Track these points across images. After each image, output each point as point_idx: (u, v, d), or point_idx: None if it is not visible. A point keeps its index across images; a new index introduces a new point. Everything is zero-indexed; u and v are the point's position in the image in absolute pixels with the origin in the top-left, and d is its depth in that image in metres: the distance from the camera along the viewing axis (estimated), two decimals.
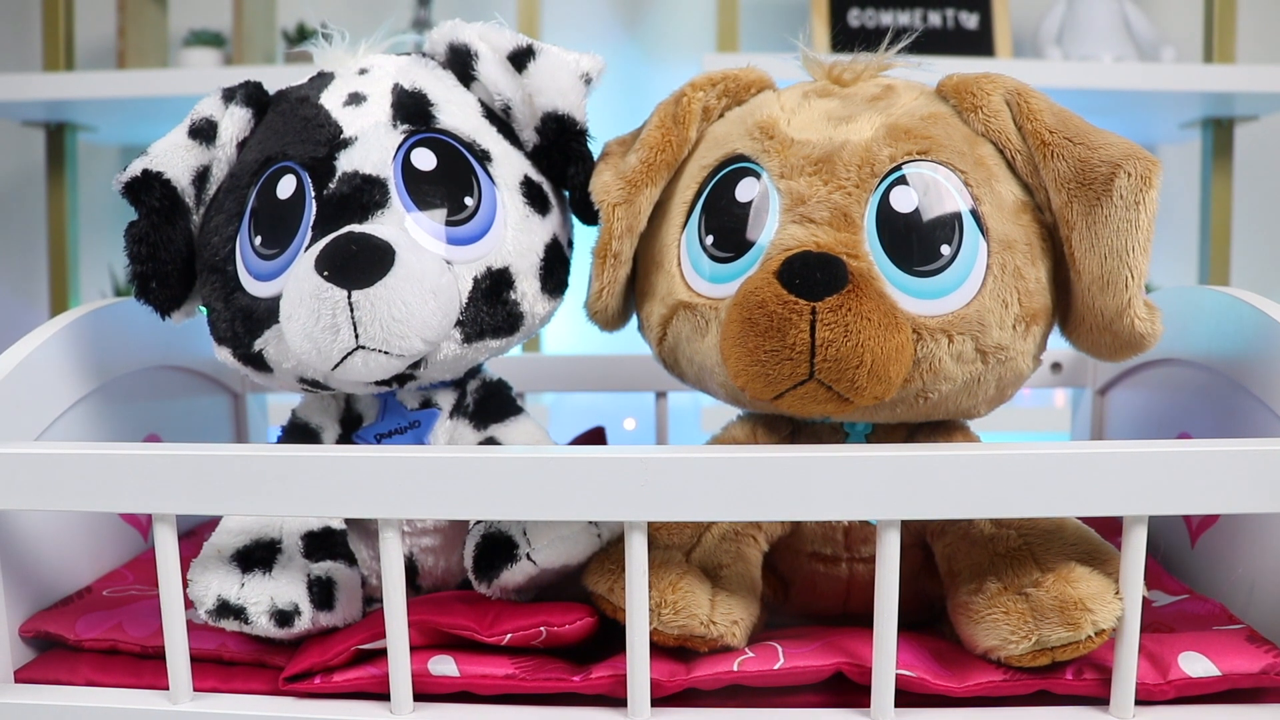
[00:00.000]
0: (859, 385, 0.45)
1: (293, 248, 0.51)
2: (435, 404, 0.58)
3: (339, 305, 0.47)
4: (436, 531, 0.56)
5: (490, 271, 0.52)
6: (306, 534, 0.53)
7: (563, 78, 0.54)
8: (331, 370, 0.49)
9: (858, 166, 0.50)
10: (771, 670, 0.47)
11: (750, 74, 0.56)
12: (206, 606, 0.50)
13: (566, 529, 0.50)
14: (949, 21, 1.31)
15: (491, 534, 0.51)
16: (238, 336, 0.53)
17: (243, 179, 0.54)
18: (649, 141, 0.54)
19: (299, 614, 0.50)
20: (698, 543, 0.52)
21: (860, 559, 0.54)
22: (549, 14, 1.35)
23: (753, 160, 0.52)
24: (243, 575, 0.50)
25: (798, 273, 0.46)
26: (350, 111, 0.54)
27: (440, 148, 0.53)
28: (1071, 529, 0.50)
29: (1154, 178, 0.47)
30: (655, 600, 0.47)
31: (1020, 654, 0.46)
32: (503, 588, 0.51)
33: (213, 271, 0.54)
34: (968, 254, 0.49)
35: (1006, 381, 0.51)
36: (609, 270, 0.54)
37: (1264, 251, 1.45)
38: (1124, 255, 0.47)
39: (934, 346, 0.48)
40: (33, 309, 1.50)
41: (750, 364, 0.46)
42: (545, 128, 0.55)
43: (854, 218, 0.49)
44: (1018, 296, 0.49)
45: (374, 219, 0.50)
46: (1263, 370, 0.56)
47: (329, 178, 0.52)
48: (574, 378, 0.76)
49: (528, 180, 0.56)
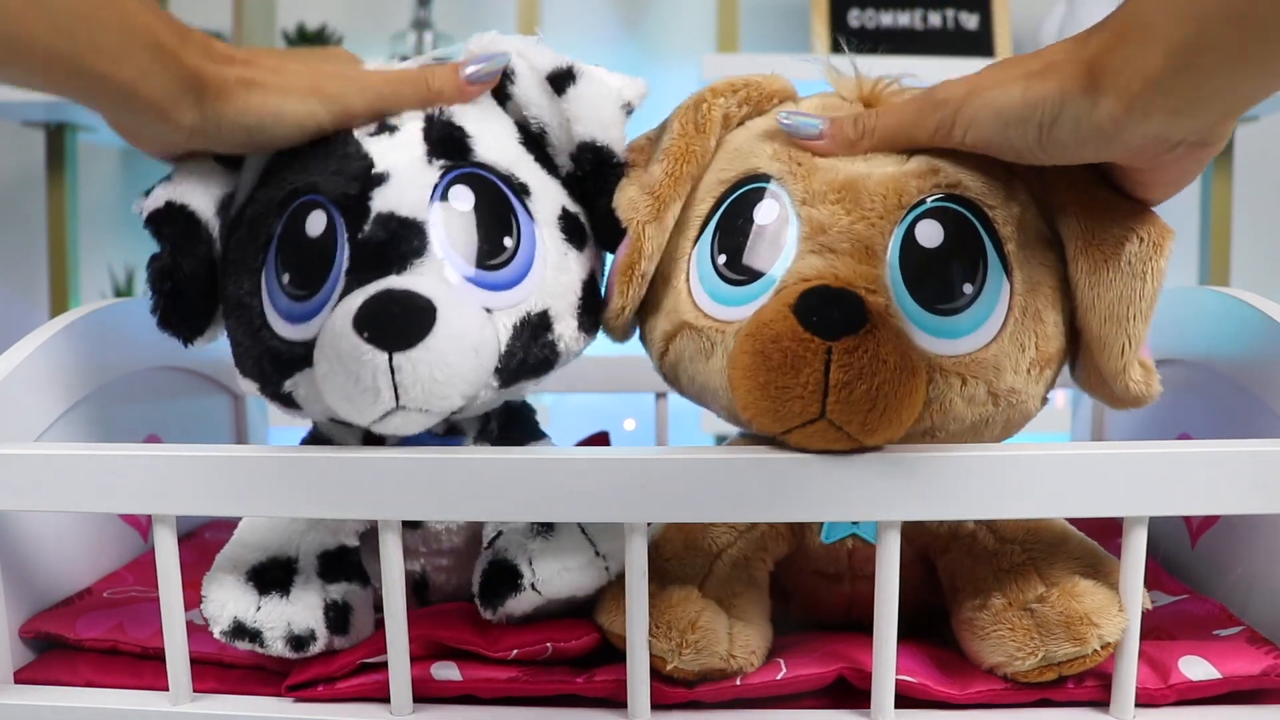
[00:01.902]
0: (870, 427, 0.43)
1: (324, 291, 0.48)
2: (461, 430, 0.56)
3: (380, 369, 0.44)
4: (452, 552, 0.56)
5: (529, 317, 0.50)
6: (323, 554, 0.53)
7: (605, 108, 0.52)
8: (368, 425, 0.48)
9: (883, 196, 0.47)
10: (774, 681, 0.47)
11: (774, 83, 0.54)
12: (221, 627, 0.49)
13: (573, 560, 0.49)
14: (949, 22, 1.31)
15: (497, 562, 0.50)
16: (265, 375, 0.51)
17: (269, 209, 0.51)
18: (673, 152, 0.51)
19: (314, 639, 0.49)
20: (710, 573, 0.51)
21: (863, 577, 0.53)
22: (549, 14, 1.35)
23: (776, 181, 0.50)
24: (259, 597, 0.49)
25: (815, 309, 0.43)
26: (381, 142, 0.51)
27: (478, 184, 0.51)
28: (1075, 541, 0.50)
29: (1165, 245, 0.46)
30: (675, 641, 0.46)
31: (1027, 670, 0.46)
32: (508, 615, 0.50)
33: (238, 305, 0.52)
34: (990, 294, 0.47)
35: (1014, 423, 0.50)
36: (634, 289, 0.52)
37: (1264, 251, 1.45)
38: (1124, 322, 0.46)
39: (946, 388, 0.46)
40: (33, 309, 1.50)
41: (760, 398, 0.44)
42: (581, 156, 0.53)
43: (876, 250, 0.47)
44: (1035, 341, 0.48)
45: (412, 269, 0.48)
46: (1263, 371, 0.56)
47: (363, 218, 0.49)
48: (574, 378, 0.75)
49: (565, 213, 0.53)
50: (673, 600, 0.48)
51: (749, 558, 0.52)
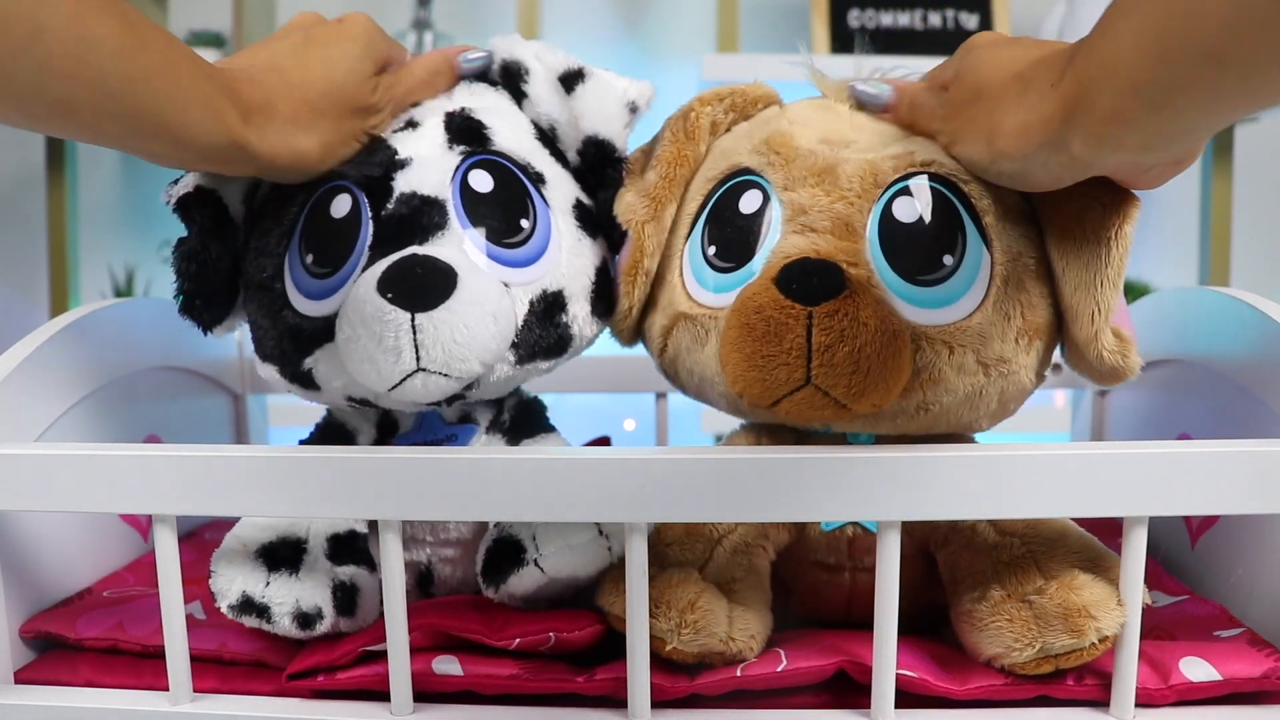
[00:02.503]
0: (855, 391, 0.45)
1: (348, 267, 0.51)
2: (474, 419, 0.58)
3: (402, 328, 0.47)
4: (459, 543, 0.56)
5: (545, 294, 0.52)
6: (332, 536, 0.53)
7: (609, 104, 0.55)
8: (388, 391, 0.49)
9: (860, 178, 0.50)
10: (774, 673, 0.47)
11: (757, 89, 0.57)
12: (229, 601, 0.50)
13: (576, 538, 0.50)
14: (949, 22, 1.31)
15: (502, 538, 0.51)
16: (285, 354, 0.53)
17: (294, 196, 0.53)
18: (665, 157, 0.55)
19: (321, 618, 0.50)
20: (710, 558, 0.52)
21: (863, 568, 0.54)
22: (549, 14, 1.35)
23: (757, 173, 0.52)
24: (269, 574, 0.50)
25: (795, 278, 0.46)
26: (404, 136, 0.54)
27: (496, 169, 0.53)
28: (1074, 536, 0.50)
29: (1130, 211, 0.46)
30: (675, 621, 0.47)
31: (1024, 661, 0.46)
32: (510, 594, 0.51)
33: (259, 289, 0.53)
34: (971, 265, 0.49)
35: (1009, 395, 0.51)
36: (639, 288, 0.55)
37: (1264, 251, 1.45)
38: (1091, 288, 0.47)
39: (934, 356, 0.48)
40: (33, 309, 1.50)
41: (747, 369, 0.46)
42: (586, 150, 0.56)
43: (856, 227, 0.49)
44: (1021, 310, 0.49)
45: (434, 241, 0.50)
46: (1263, 371, 0.56)
47: (386, 198, 0.51)
48: (574, 378, 0.76)
49: (579, 203, 0.56)
50: (673, 581, 0.49)
51: (749, 544, 0.53)
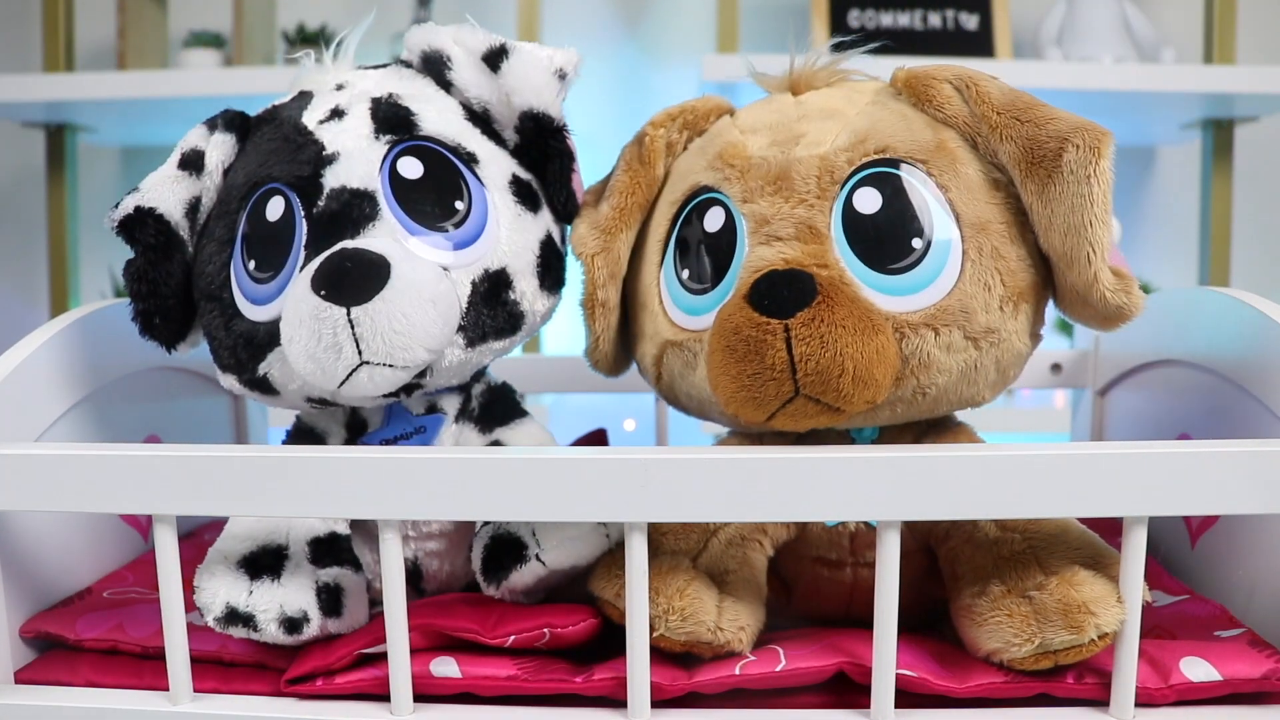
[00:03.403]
0: (845, 393, 0.45)
1: (287, 269, 0.51)
2: (441, 409, 0.57)
3: (339, 323, 0.47)
4: (442, 535, 0.56)
5: (488, 273, 0.52)
6: (313, 540, 0.53)
7: (536, 76, 0.54)
8: (338, 388, 0.49)
9: (816, 177, 0.50)
10: (773, 673, 0.47)
11: (707, 103, 0.57)
12: (214, 614, 0.49)
13: (575, 529, 0.50)
14: (949, 22, 1.31)
15: (500, 535, 0.51)
16: (241, 363, 0.53)
17: (231, 205, 0.54)
18: (618, 187, 0.56)
19: (308, 621, 0.50)
20: (704, 548, 0.52)
21: (864, 564, 0.54)
22: (549, 14, 1.35)
23: (716, 190, 0.52)
24: (251, 582, 0.50)
25: (765, 293, 0.46)
26: (331, 128, 0.54)
27: (426, 154, 0.53)
28: (1075, 533, 0.50)
29: (1104, 148, 0.47)
30: (662, 607, 0.47)
31: (1023, 657, 0.46)
32: (511, 589, 0.51)
33: (210, 300, 0.54)
34: (940, 244, 0.49)
35: (1006, 363, 0.51)
36: (600, 319, 0.55)
37: (1264, 252, 1.45)
38: (1082, 230, 0.47)
39: (920, 341, 0.48)
40: (33, 309, 1.50)
41: (737, 390, 0.46)
42: (523, 126, 0.55)
43: (820, 228, 0.49)
44: (1000, 277, 0.49)
45: (366, 233, 0.50)
46: (1263, 371, 0.56)
47: (317, 196, 0.51)
48: (574, 378, 0.76)
49: (516, 179, 0.56)
50: (663, 568, 0.49)
51: (745, 537, 0.53)
